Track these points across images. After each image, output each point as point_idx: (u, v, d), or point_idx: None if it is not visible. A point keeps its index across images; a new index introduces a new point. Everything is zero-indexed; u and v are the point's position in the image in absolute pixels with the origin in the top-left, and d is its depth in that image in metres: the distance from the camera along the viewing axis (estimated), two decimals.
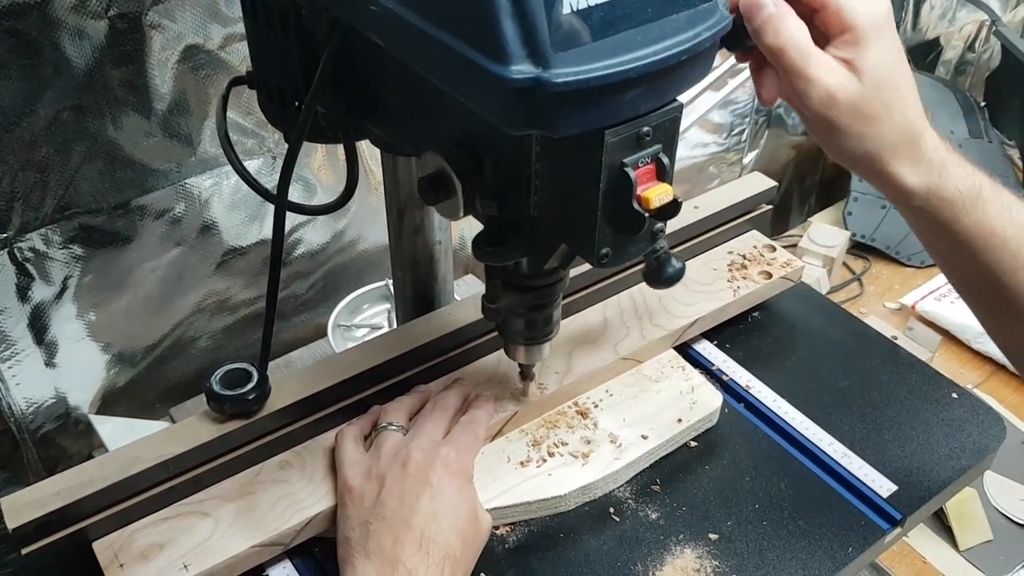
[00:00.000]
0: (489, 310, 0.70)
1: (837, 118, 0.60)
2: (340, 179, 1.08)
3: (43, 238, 0.89)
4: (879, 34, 0.60)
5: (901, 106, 0.61)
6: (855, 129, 0.60)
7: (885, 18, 0.60)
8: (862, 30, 0.59)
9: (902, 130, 0.61)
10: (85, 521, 0.69)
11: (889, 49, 0.60)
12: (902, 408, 0.88)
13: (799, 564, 0.74)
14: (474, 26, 0.46)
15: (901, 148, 0.62)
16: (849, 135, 0.61)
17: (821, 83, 0.59)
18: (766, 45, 0.60)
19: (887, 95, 0.60)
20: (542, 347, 0.77)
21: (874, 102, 0.60)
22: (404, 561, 0.64)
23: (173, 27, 0.87)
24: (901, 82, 0.61)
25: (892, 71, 0.60)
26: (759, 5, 0.59)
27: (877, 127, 0.60)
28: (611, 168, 0.53)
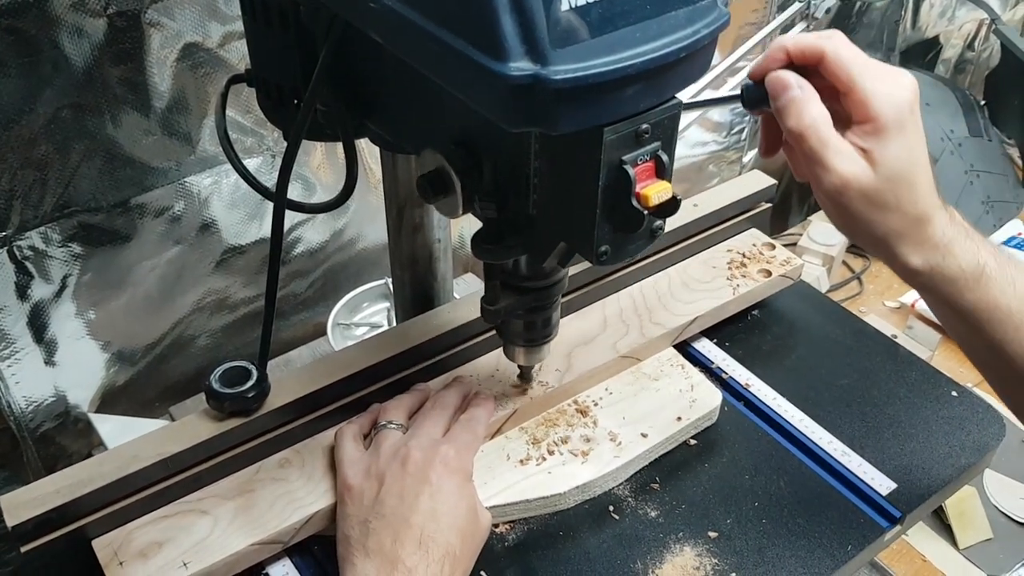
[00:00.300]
0: (488, 312, 0.70)
1: (849, 204, 0.61)
2: (339, 177, 1.08)
3: (42, 236, 0.89)
4: (900, 128, 0.60)
5: (913, 197, 0.62)
6: (865, 216, 0.62)
7: (910, 109, 0.61)
8: (884, 122, 0.60)
9: (911, 218, 0.62)
10: (84, 519, 0.69)
11: (909, 143, 0.61)
12: (902, 406, 0.88)
13: (799, 562, 0.74)
14: (473, 23, 0.46)
15: (908, 234, 0.63)
16: (859, 220, 0.62)
17: (837, 171, 0.60)
18: (787, 127, 0.61)
19: (900, 188, 0.61)
20: (541, 349, 0.77)
21: (887, 194, 0.61)
22: (404, 560, 0.64)
23: (172, 25, 0.87)
24: (917, 174, 0.62)
25: (909, 165, 0.61)
26: (785, 85, 0.61)
27: (887, 215, 0.62)
28: (610, 165, 0.53)
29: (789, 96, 0.61)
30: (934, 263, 0.64)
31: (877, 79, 0.61)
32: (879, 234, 0.63)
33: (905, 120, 0.61)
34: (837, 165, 0.60)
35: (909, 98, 0.62)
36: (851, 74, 0.61)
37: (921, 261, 0.64)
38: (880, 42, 1.72)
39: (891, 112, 0.60)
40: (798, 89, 0.61)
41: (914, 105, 0.62)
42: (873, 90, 0.61)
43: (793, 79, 0.61)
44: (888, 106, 0.60)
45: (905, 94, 0.62)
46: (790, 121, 0.61)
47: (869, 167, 0.60)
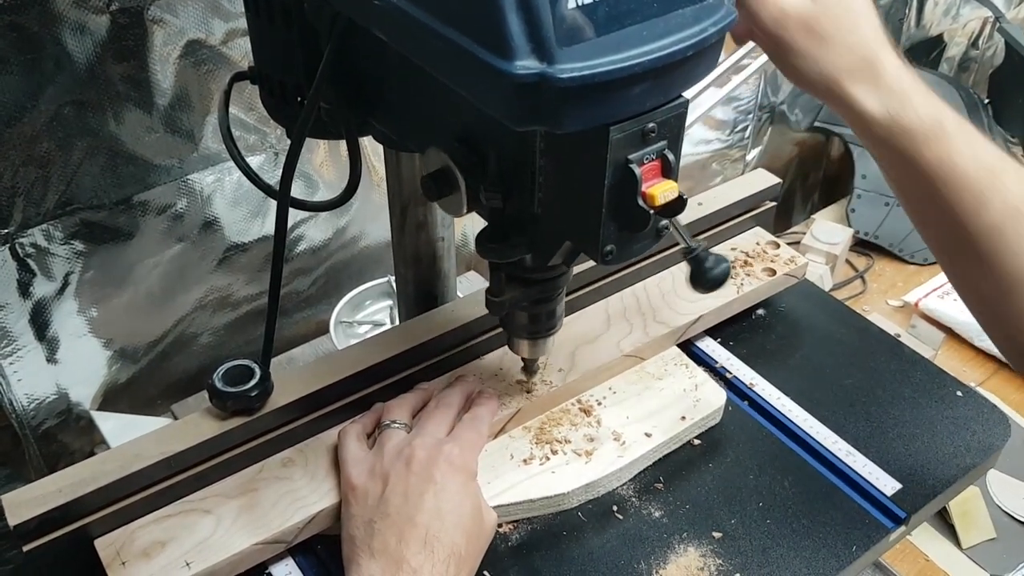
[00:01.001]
0: (493, 304, 0.70)
1: (789, 37, 0.61)
2: (342, 175, 1.08)
3: (44, 234, 0.89)
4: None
5: (853, 26, 0.61)
6: (809, 49, 0.61)
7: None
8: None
9: (857, 52, 0.61)
10: (87, 518, 0.69)
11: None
12: (906, 406, 0.88)
13: (803, 562, 0.74)
14: (478, 21, 0.46)
15: (858, 71, 0.61)
16: (803, 55, 0.61)
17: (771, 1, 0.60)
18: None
19: (840, 18, 0.60)
20: (546, 341, 0.77)
21: (825, 21, 0.60)
22: (409, 560, 0.64)
23: (175, 22, 0.87)
24: (856, 4, 0.61)
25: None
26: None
27: (830, 47, 0.60)
28: (616, 164, 0.53)
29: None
30: (892, 109, 0.62)
31: None
32: (828, 71, 0.61)
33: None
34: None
35: None
36: None
37: (877, 104, 0.62)
38: None
39: None
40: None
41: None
42: None
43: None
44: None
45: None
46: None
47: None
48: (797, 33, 0.61)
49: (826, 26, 0.60)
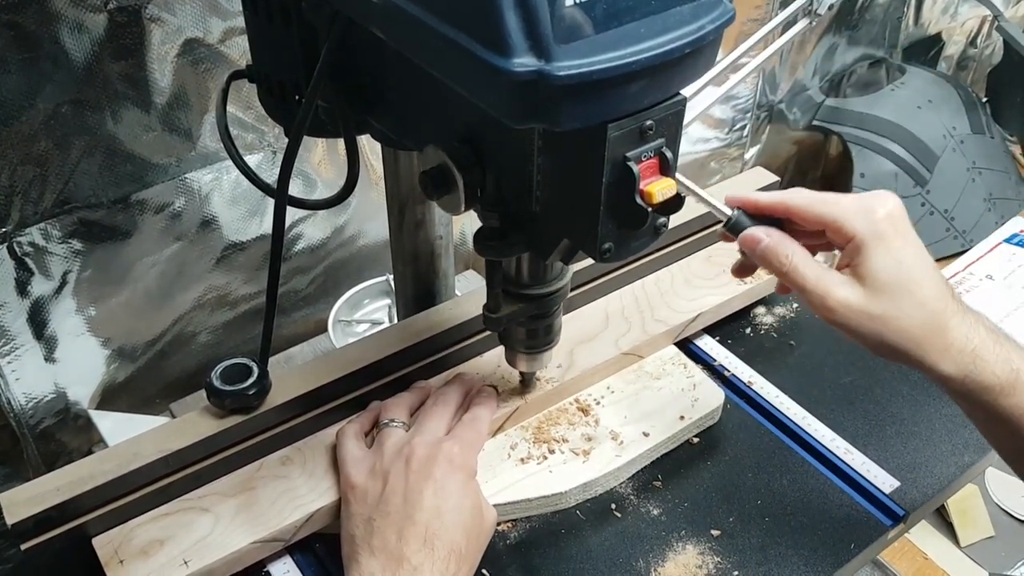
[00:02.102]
0: (491, 320, 0.70)
1: (849, 323, 0.63)
2: (341, 174, 1.08)
3: (42, 232, 0.89)
4: (879, 239, 0.63)
5: (913, 303, 0.63)
6: (871, 328, 0.63)
7: (888, 220, 0.64)
8: (860, 240, 0.63)
9: (921, 325, 0.63)
10: (85, 517, 0.69)
11: (892, 252, 0.63)
12: (905, 404, 0.88)
13: (801, 560, 0.74)
14: (476, 18, 0.46)
15: (926, 341, 0.63)
16: (868, 334, 0.63)
17: (827, 297, 0.63)
18: (770, 270, 0.66)
19: (894, 297, 0.62)
20: (542, 356, 0.77)
21: (880, 305, 0.62)
22: (409, 557, 0.64)
23: (173, 21, 0.87)
24: (911, 280, 0.63)
25: (896, 273, 0.63)
26: (755, 240, 0.66)
27: (891, 325, 0.63)
28: (614, 162, 0.53)
29: (762, 248, 0.65)
30: (966, 370, 0.64)
31: (847, 203, 0.65)
32: (897, 346, 0.63)
33: (883, 231, 0.63)
34: (825, 292, 0.63)
35: (886, 210, 0.64)
36: (818, 211, 0.65)
37: (953, 368, 0.64)
38: (882, 39, 1.72)
39: (866, 226, 0.63)
40: (767, 237, 0.65)
41: (895, 216, 0.64)
42: (843, 213, 0.64)
43: (760, 231, 0.66)
44: (862, 221, 0.63)
45: (880, 207, 0.64)
46: (771, 266, 0.65)
47: (858, 284, 0.63)
48: (858, 320, 0.63)
49: (885, 308, 0.63)
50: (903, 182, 1.49)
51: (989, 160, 1.60)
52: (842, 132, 1.56)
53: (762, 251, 0.65)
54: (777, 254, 0.65)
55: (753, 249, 0.66)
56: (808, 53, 1.58)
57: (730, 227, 0.68)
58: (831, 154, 1.80)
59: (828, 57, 1.63)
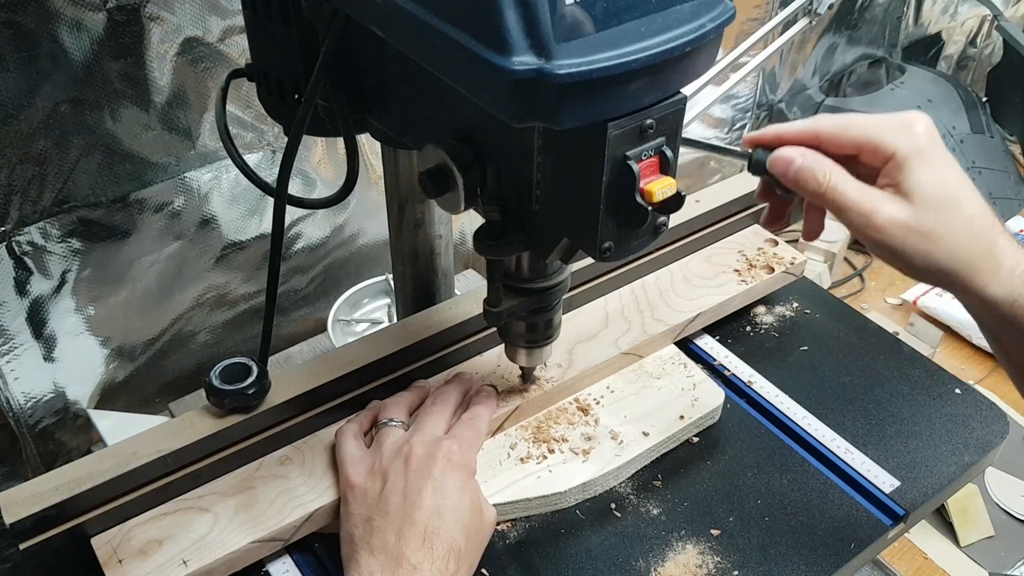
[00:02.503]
0: (491, 314, 0.70)
1: (895, 242, 0.60)
2: (340, 173, 1.08)
3: (41, 232, 0.89)
4: (921, 155, 0.60)
5: (962, 219, 0.60)
6: (919, 248, 0.60)
7: (927, 137, 0.61)
8: (902, 155, 0.60)
9: (970, 243, 0.60)
10: (84, 516, 0.69)
11: (936, 168, 0.60)
12: (905, 404, 0.88)
13: (801, 560, 0.73)
14: (476, 16, 0.46)
15: (976, 261, 0.61)
16: (912, 254, 0.60)
17: (873, 215, 0.60)
18: (809, 195, 0.62)
19: (944, 212, 0.60)
20: (543, 350, 0.77)
21: (931, 221, 0.60)
22: (408, 557, 0.64)
23: (172, 19, 0.87)
24: (958, 196, 0.60)
25: (944, 187, 0.60)
26: (787, 160, 0.62)
27: (941, 243, 0.60)
28: (614, 161, 0.53)
29: (795, 167, 0.61)
30: (1015, 293, 0.61)
31: (883, 122, 0.62)
32: (945, 265, 0.60)
33: (924, 147, 0.60)
34: (866, 207, 0.60)
35: (922, 128, 0.61)
36: (854, 133, 0.62)
37: (1000, 290, 0.61)
38: (882, 39, 1.72)
39: (905, 143, 0.60)
40: (800, 157, 0.62)
41: (931, 134, 0.61)
42: (880, 131, 0.61)
43: (792, 151, 0.62)
44: (901, 139, 0.60)
45: (916, 125, 0.61)
46: (808, 188, 0.61)
47: (902, 199, 0.60)
48: (906, 239, 0.60)
49: (933, 226, 0.60)
50: None
51: (989, 160, 1.60)
52: None
53: (796, 171, 0.61)
54: (814, 171, 0.61)
55: (786, 171, 0.62)
56: (808, 52, 1.58)
57: (753, 166, 0.64)
58: None
59: (828, 56, 1.63)
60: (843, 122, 0.63)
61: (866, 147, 0.62)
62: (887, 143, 0.61)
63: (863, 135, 0.62)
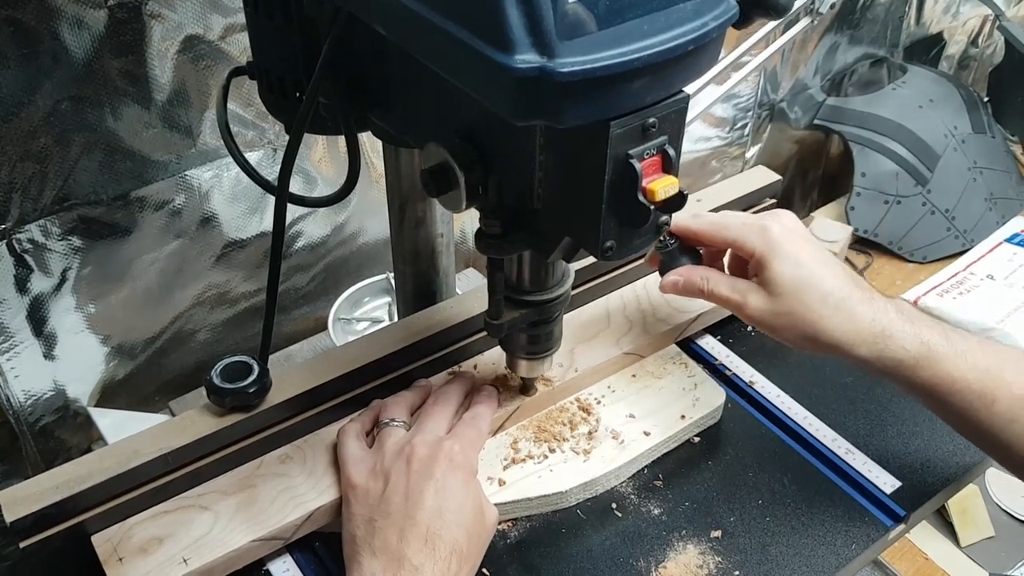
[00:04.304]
0: (492, 326, 0.70)
1: (764, 324, 0.72)
2: (341, 172, 1.07)
3: (42, 229, 0.89)
4: (774, 253, 0.72)
5: (816, 297, 0.70)
6: (784, 326, 0.71)
7: (781, 237, 0.72)
8: (759, 254, 0.72)
9: (828, 314, 0.70)
10: (84, 515, 0.69)
11: (788, 260, 0.71)
12: (906, 404, 0.88)
13: (802, 560, 0.73)
14: (478, 14, 0.46)
15: (835, 328, 0.70)
16: (782, 331, 0.72)
17: (739, 305, 0.73)
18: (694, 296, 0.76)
19: (798, 295, 0.70)
20: (543, 361, 0.77)
21: (787, 305, 0.71)
22: (410, 558, 0.64)
23: (173, 17, 0.87)
24: (811, 279, 0.70)
25: (795, 276, 0.71)
26: (672, 284, 0.77)
27: (802, 321, 0.70)
28: (616, 160, 0.52)
29: (681, 287, 0.76)
30: (877, 350, 0.69)
31: (743, 228, 0.74)
32: (812, 337, 0.70)
33: (777, 242, 0.72)
34: (740, 301, 0.73)
35: (779, 224, 0.74)
36: (721, 235, 0.76)
37: (866, 350, 0.70)
38: (884, 38, 1.71)
39: (761, 244, 0.72)
40: (680, 278, 0.76)
41: (788, 228, 0.73)
42: (741, 236, 0.74)
43: (672, 276, 0.77)
44: (758, 240, 0.73)
45: (773, 223, 0.74)
46: (696, 296, 0.76)
47: (764, 290, 0.72)
48: (772, 321, 0.71)
49: (792, 307, 0.70)
50: (904, 181, 1.49)
51: (990, 160, 1.59)
52: (843, 131, 1.56)
53: (683, 288, 0.76)
54: (694, 283, 0.75)
55: (676, 292, 0.76)
56: (809, 52, 1.58)
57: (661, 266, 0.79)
58: (832, 153, 1.80)
59: (829, 56, 1.63)
60: (717, 224, 0.76)
61: (734, 246, 0.75)
62: (748, 245, 0.73)
63: (731, 237, 0.75)
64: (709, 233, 0.77)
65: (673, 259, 0.78)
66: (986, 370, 0.69)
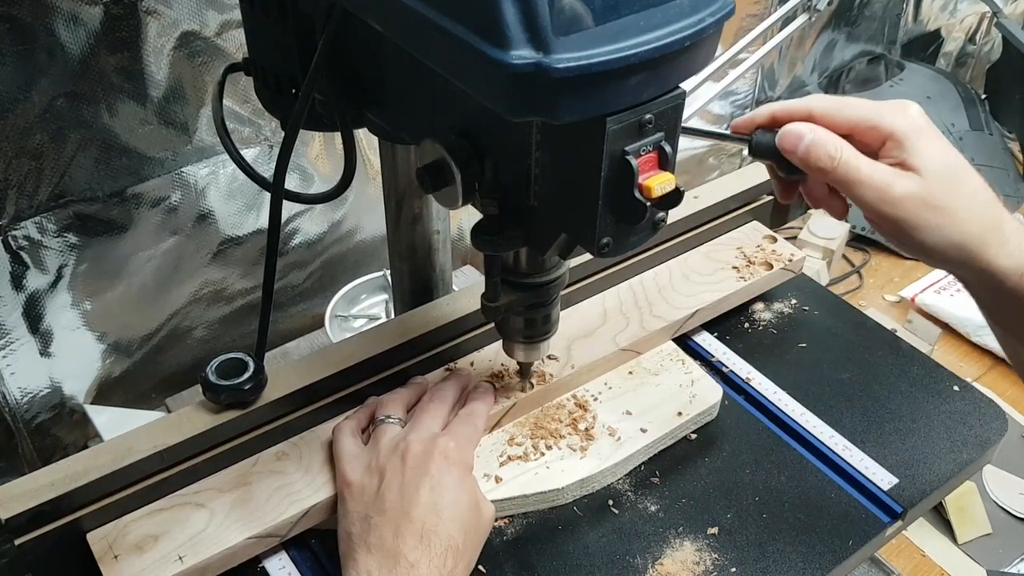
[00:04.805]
0: (489, 309, 0.69)
1: (907, 215, 0.60)
2: (337, 168, 1.07)
3: (38, 226, 0.89)
4: (921, 135, 0.61)
5: (968, 192, 0.61)
6: (931, 221, 0.60)
7: (923, 119, 0.62)
8: (902, 134, 0.61)
9: (978, 216, 0.61)
10: (79, 512, 0.69)
11: (937, 145, 0.61)
12: (903, 401, 0.88)
13: (799, 557, 0.73)
14: (474, 10, 0.45)
15: (985, 234, 0.61)
16: (926, 228, 0.61)
17: (882, 188, 0.60)
18: (818, 171, 0.62)
19: (951, 184, 0.61)
20: (540, 346, 0.77)
21: (939, 193, 0.60)
22: (406, 554, 0.63)
23: (169, 13, 0.87)
24: (960, 169, 0.61)
25: (947, 163, 0.61)
26: (798, 135, 0.62)
27: (951, 216, 0.60)
28: (612, 156, 0.52)
29: (806, 143, 0.62)
30: (1022, 262, 0.62)
31: (878, 104, 0.63)
32: (956, 239, 0.61)
33: (922, 126, 0.61)
34: (884, 182, 0.60)
35: (916, 110, 0.63)
36: (850, 112, 0.63)
37: (1009, 261, 0.62)
38: (881, 35, 1.72)
39: (905, 123, 0.61)
40: (810, 132, 0.62)
41: (925, 119, 0.62)
42: (876, 112, 0.62)
43: (802, 127, 0.62)
44: (899, 119, 0.61)
45: (911, 107, 0.63)
46: (820, 164, 0.61)
47: (914, 174, 0.60)
48: (920, 213, 0.60)
49: (942, 198, 0.60)
50: None
51: (988, 157, 1.59)
52: None
53: (807, 147, 0.62)
54: (826, 147, 0.61)
55: (796, 147, 0.62)
56: (807, 49, 1.58)
57: (754, 149, 0.65)
58: None
59: (827, 53, 1.63)
60: (839, 102, 0.64)
61: (862, 125, 0.62)
62: (885, 122, 0.61)
63: (859, 114, 0.62)
64: (828, 111, 0.63)
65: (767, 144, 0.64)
66: None
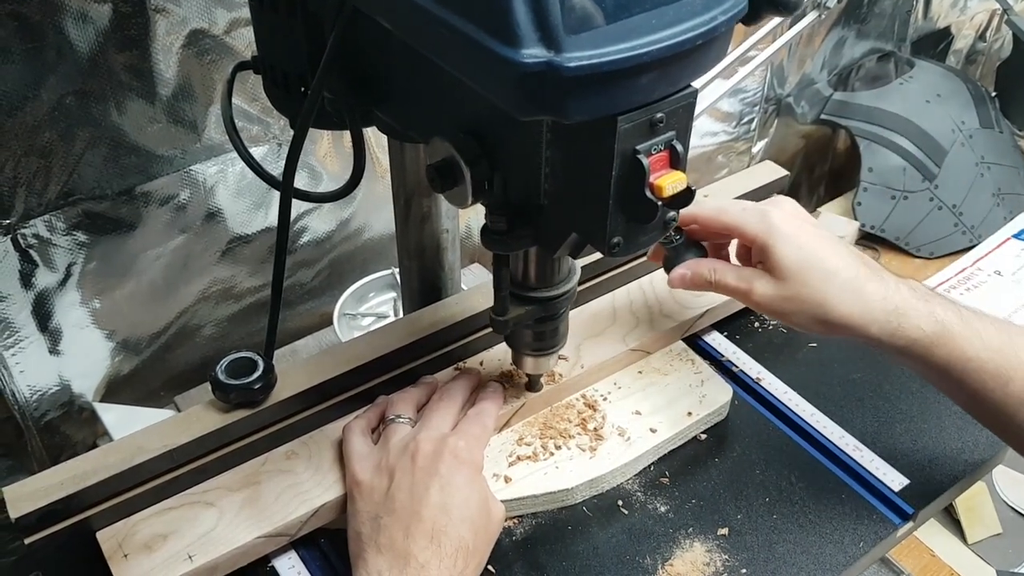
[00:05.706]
0: (497, 323, 0.70)
1: (771, 310, 0.71)
2: (346, 167, 1.07)
3: (47, 224, 0.89)
4: (777, 234, 0.71)
5: (822, 277, 0.69)
6: (792, 311, 0.70)
7: (782, 219, 0.72)
8: (761, 240, 0.72)
9: (835, 294, 0.69)
10: (89, 511, 0.69)
11: (790, 243, 0.70)
12: (914, 401, 0.87)
13: (809, 558, 0.73)
14: (484, 8, 0.45)
15: (844, 307, 0.69)
16: (791, 315, 0.70)
17: (744, 292, 0.72)
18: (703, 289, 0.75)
19: (803, 278, 0.69)
20: (549, 358, 0.76)
21: (793, 289, 0.70)
22: (416, 555, 0.63)
23: (178, 11, 0.86)
24: (816, 258, 0.70)
25: (799, 259, 0.70)
26: (680, 278, 0.75)
27: (810, 303, 0.69)
28: (623, 155, 0.52)
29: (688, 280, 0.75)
30: (890, 329, 0.68)
31: (743, 213, 0.73)
32: (822, 319, 0.69)
33: (778, 226, 0.71)
34: (748, 289, 0.71)
35: (779, 210, 0.73)
36: (722, 220, 0.74)
37: (877, 329, 0.68)
38: (891, 33, 1.71)
39: (762, 228, 0.71)
40: (687, 271, 0.75)
41: (788, 212, 0.73)
42: (741, 221, 0.73)
43: (679, 270, 0.75)
44: (759, 226, 0.72)
45: (773, 209, 0.73)
46: (705, 289, 0.74)
47: (770, 276, 0.71)
48: (780, 306, 0.70)
49: (799, 291, 0.69)
50: (911, 176, 1.49)
51: (998, 155, 1.58)
52: (850, 126, 1.55)
53: (691, 281, 0.75)
54: (702, 275, 0.74)
55: (684, 286, 0.75)
56: (816, 46, 1.57)
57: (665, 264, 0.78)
58: (839, 148, 1.79)
59: (836, 51, 1.62)
60: (717, 209, 0.75)
61: (734, 232, 0.74)
62: (748, 229, 0.73)
63: (730, 222, 0.74)
64: (709, 217, 0.75)
65: (678, 254, 0.77)
66: (1000, 350, 0.68)
